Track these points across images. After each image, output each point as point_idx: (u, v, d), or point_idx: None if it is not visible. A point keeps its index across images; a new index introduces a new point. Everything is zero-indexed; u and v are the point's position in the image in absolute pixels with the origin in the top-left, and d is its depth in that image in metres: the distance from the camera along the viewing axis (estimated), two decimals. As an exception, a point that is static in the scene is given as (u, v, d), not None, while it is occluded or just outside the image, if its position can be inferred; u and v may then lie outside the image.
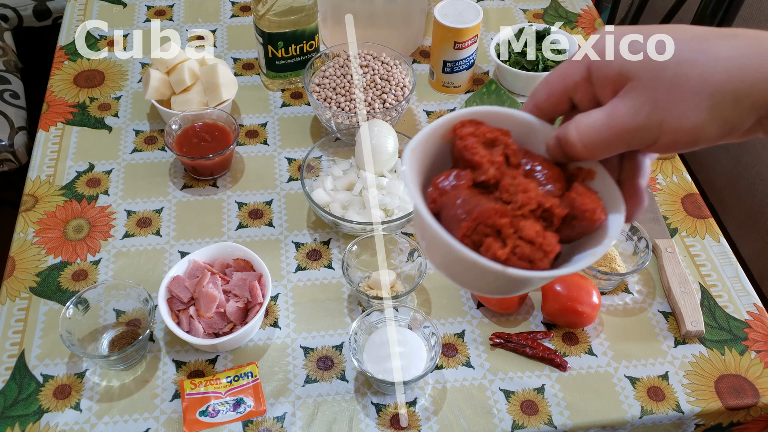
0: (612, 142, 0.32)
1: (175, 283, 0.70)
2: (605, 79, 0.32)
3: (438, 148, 0.38)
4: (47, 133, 0.92)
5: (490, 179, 0.35)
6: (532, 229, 0.33)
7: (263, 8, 0.88)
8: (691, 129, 0.30)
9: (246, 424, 0.66)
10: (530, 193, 0.34)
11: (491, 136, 0.37)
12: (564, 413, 0.67)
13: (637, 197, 0.36)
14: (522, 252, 0.33)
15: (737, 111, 0.29)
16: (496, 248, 0.33)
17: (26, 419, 0.66)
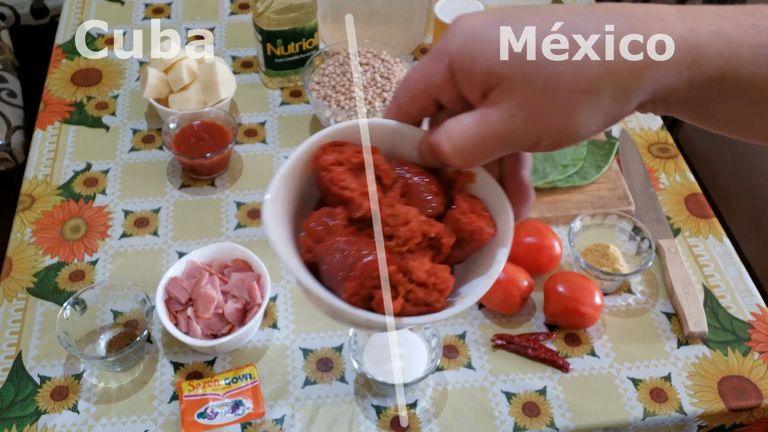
0: (487, 151, 0.30)
1: (173, 283, 0.70)
2: (471, 81, 0.29)
3: (303, 180, 0.34)
4: (44, 132, 0.91)
5: (366, 214, 0.32)
6: (422, 270, 0.31)
7: (262, 6, 0.88)
8: (572, 128, 0.28)
9: (245, 426, 0.65)
10: (412, 224, 0.31)
11: (357, 160, 0.33)
12: (566, 415, 0.66)
13: (523, 192, 0.34)
14: (416, 297, 0.31)
15: (617, 102, 0.28)
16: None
17: (23, 421, 0.65)
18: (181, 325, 0.68)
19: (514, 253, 0.75)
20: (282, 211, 0.33)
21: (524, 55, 0.27)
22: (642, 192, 0.86)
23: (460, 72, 0.29)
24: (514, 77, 0.28)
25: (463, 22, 0.29)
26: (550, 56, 0.27)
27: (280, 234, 0.32)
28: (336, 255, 0.31)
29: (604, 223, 0.78)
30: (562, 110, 0.28)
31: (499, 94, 0.28)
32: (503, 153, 0.30)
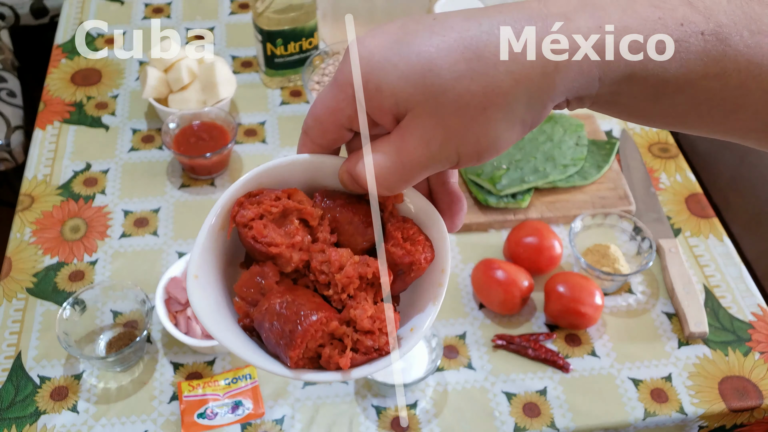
0: (410, 177, 0.29)
1: (172, 284, 0.69)
2: (380, 109, 0.28)
3: (226, 241, 0.32)
4: (44, 132, 0.91)
5: (298, 267, 0.31)
6: (365, 317, 0.30)
7: (262, 5, 0.88)
8: (490, 143, 0.28)
9: (244, 426, 0.65)
10: (347, 269, 0.30)
11: (278, 209, 0.31)
12: (567, 415, 0.66)
13: (455, 201, 0.33)
14: (364, 346, 0.30)
15: (532, 110, 0.27)
16: (336, 359, 0.29)
17: (23, 421, 0.65)
18: (181, 326, 0.68)
19: (515, 252, 0.75)
20: (208, 282, 0.31)
21: (431, 79, 0.26)
22: (642, 192, 0.86)
23: (367, 102, 0.28)
24: (423, 102, 0.27)
25: (361, 48, 0.28)
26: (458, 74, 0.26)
27: (211, 311, 0.31)
28: (273, 321, 0.29)
29: (604, 223, 0.78)
30: (477, 127, 0.27)
31: (412, 120, 0.28)
32: (426, 175, 0.30)
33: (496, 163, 0.83)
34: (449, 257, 0.33)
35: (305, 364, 0.30)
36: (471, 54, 0.26)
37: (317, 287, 0.31)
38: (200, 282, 0.31)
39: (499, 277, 0.71)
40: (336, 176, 0.32)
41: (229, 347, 0.30)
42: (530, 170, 0.82)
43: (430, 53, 0.27)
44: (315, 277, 0.31)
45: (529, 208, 0.82)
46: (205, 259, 0.31)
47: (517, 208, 0.82)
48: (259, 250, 0.31)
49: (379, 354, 0.30)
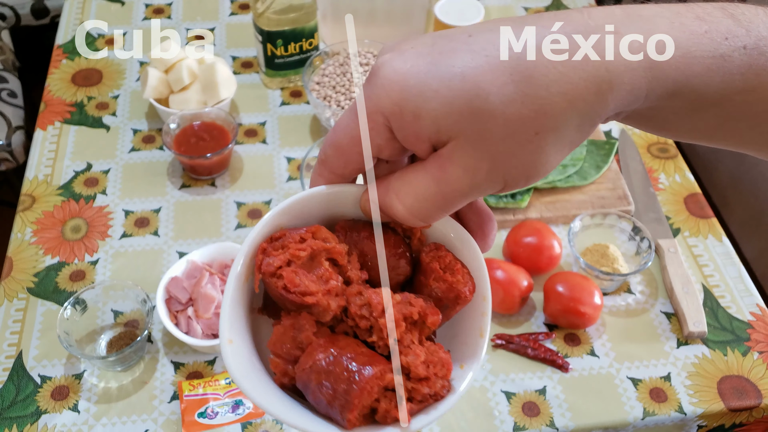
0: (449, 207, 0.27)
1: (173, 283, 0.70)
2: (417, 138, 0.26)
3: (250, 291, 0.30)
4: (45, 132, 0.91)
5: (335, 314, 0.28)
6: (419, 364, 0.28)
7: (262, 6, 0.88)
8: (538, 167, 0.26)
9: (245, 425, 0.65)
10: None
11: (305, 252, 0.28)
12: (566, 415, 0.67)
13: (485, 221, 0.31)
14: (421, 394, 0.28)
15: (582, 131, 0.26)
16: (394, 413, 0.27)
17: (24, 420, 0.65)
18: (182, 325, 0.68)
19: (514, 252, 0.75)
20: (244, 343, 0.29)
21: (478, 104, 0.24)
22: (641, 192, 0.86)
23: (401, 130, 0.26)
24: (469, 129, 0.25)
25: (391, 71, 0.25)
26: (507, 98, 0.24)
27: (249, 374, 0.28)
28: (322, 381, 0.27)
29: (603, 223, 0.79)
30: (527, 153, 0.25)
31: (455, 148, 0.25)
32: (466, 203, 0.27)
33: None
34: (488, 281, 0.30)
35: (360, 422, 0.28)
36: (519, 75, 0.24)
37: (358, 333, 0.29)
38: (235, 346, 0.28)
39: (498, 276, 0.71)
40: (356, 205, 0.30)
41: (274, 414, 0.27)
42: None
43: (474, 76, 0.24)
44: (355, 323, 0.29)
45: (528, 208, 0.82)
46: (236, 318, 0.29)
47: (517, 208, 0.82)
48: (293, 300, 0.28)
49: (435, 399, 0.28)
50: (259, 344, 0.30)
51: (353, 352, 0.27)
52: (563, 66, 0.24)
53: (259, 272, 0.28)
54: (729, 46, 0.25)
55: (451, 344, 0.31)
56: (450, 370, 0.29)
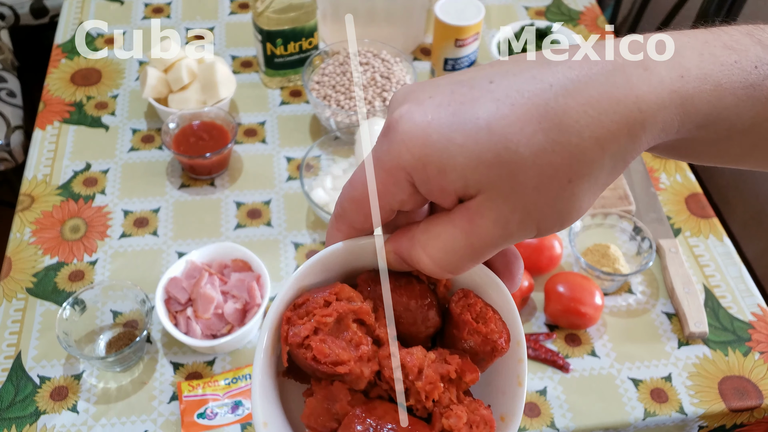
0: (479, 259, 0.26)
1: (172, 284, 0.69)
2: (442, 192, 0.25)
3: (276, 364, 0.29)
4: (44, 132, 0.91)
5: (370, 379, 0.27)
6: (461, 426, 0.26)
7: (262, 5, 0.88)
8: (575, 213, 0.25)
9: (244, 426, 0.65)
10: (427, 372, 0.27)
11: (332, 317, 0.27)
12: (566, 415, 0.66)
13: (512, 260, 0.30)
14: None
15: (615, 173, 0.25)
16: None
17: (23, 421, 0.65)
18: (181, 326, 0.68)
19: (515, 253, 0.75)
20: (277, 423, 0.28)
21: (508, 157, 0.23)
22: (642, 192, 0.86)
23: (425, 185, 0.25)
24: (498, 183, 0.24)
25: (411, 125, 0.24)
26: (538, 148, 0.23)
27: None
28: None
29: (604, 223, 0.78)
30: (561, 202, 0.24)
31: (485, 202, 0.24)
32: (496, 252, 0.27)
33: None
34: (521, 325, 0.29)
35: None
36: (549, 123, 0.23)
37: (393, 396, 0.28)
38: (270, 429, 0.27)
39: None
40: (371, 256, 0.29)
41: None
42: None
43: (502, 127, 0.23)
44: (389, 386, 0.27)
45: (529, 208, 0.82)
46: (268, 396, 0.28)
47: (517, 208, 0.81)
48: (324, 371, 0.27)
49: None
50: (289, 411, 0.29)
51: (393, 422, 0.26)
52: (594, 110, 0.23)
53: (285, 344, 0.27)
54: (759, 74, 0.25)
55: (488, 395, 0.30)
56: (494, 428, 0.27)
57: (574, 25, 1.09)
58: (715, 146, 0.27)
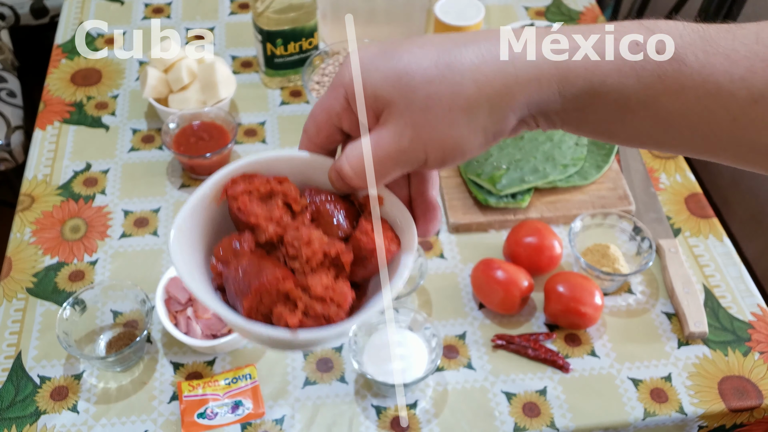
0: (383, 170, 0.32)
1: (172, 284, 0.69)
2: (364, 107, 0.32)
3: (215, 212, 0.36)
4: (44, 132, 0.91)
5: (272, 238, 0.34)
6: (319, 285, 0.32)
7: (262, 5, 0.88)
8: (455, 145, 0.31)
9: (244, 426, 0.65)
10: (314, 245, 0.33)
11: (265, 189, 0.34)
12: (566, 415, 0.66)
13: (430, 210, 0.36)
14: (314, 312, 0.32)
15: (494, 118, 0.30)
16: (286, 316, 0.31)
17: (23, 421, 0.65)
18: (181, 326, 0.68)
19: (515, 252, 0.75)
20: (190, 239, 0.34)
21: (406, 80, 0.30)
22: (642, 192, 0.86)
23: (352, 99, 0.32)
24: (398, 100, 0.30)
25: (354, 57, 0.32)
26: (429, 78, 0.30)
27: (187, 261, 0.33)
28: (238, 276, 0.32)
29: (604, 223, 0.78)
30: (443, 127, 0.30)
31: (388, 116, 0.31)
32: (399, 172, 0.32)
33: (496, 164, 0.83)
34: (413, 258, 0.35)
35: (259, 317, 0.32)
36: (443, 64, 0.30)
37: (287, 261, 0.34)
38: (181, 234, 0.34)
39: (499, 276, 0.71)
40: (325, 175, 0.35)
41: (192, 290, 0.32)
42: (530, 170, 0.82)
43: (408, 60, 0.31)
44: (286, 251, 0.33)
45: (528, 208, 0.82)
46: (191, 219, 0.34)
47: (517, 208, 0.82)
48: (241, 219, 0.34)
49: (328, 321, 0.32)
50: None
51: (271, 265, 0.33)
52: (479, 60, 0.30)
53: (224, 194, 0.35)
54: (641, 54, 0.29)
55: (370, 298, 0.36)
56: (347, 302, 0.32)
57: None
58: (620, 122, 0.30)
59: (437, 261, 0.79)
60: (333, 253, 0.33)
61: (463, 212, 0.81)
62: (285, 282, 0.32)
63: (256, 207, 0.34)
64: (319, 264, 0.33)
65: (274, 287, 0.32)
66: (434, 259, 0.79)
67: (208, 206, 0.35)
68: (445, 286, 0.76)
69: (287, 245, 0.33)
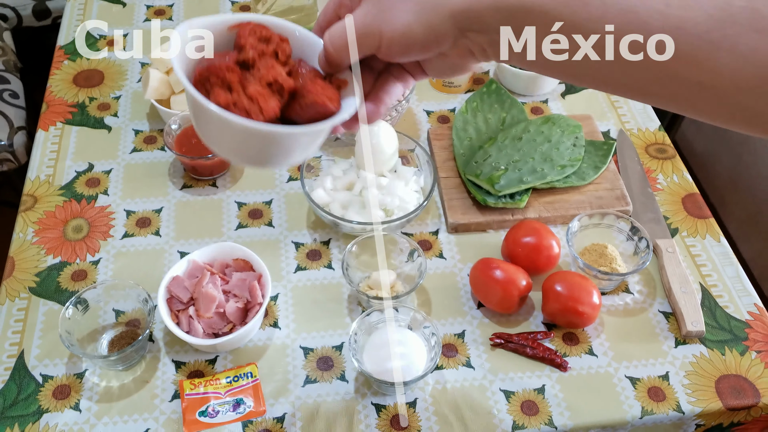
0: (351, 43, 0.39)
1: (174, 283, 0.70)
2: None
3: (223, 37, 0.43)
4: (47, 132, 0.92)
5: (248, 59, 0.41)
6: (255, 88, 0.39)
7: (263, 8, 0.88)
8: (402, 32, 0.37)
9: (246, 424, 0.66)
10: (273, 70, 0.40)
11: (267, 34, 0.42)
12: (564, 414, 0.67)
13: (377, 105, 0.43)
14: (241, 104, 0.39)
15: (438, 17, 0.35)
16: (219, 95, 0.39)
17: (25, 419, 0.65)
18: (183, 324, 0.68)
19: (513, 252, 0.76)
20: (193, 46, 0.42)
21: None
22: (640, 192, 0.86)
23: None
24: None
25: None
26: None
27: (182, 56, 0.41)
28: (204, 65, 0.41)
29: (602, 223, 0.79)
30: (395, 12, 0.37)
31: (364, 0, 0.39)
32: (361, 51, 0.39)
33: (494, 164, 0.83)
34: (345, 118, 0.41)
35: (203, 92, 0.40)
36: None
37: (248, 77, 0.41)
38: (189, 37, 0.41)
39: (497, 276, 0.71)
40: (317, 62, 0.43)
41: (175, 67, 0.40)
42: (528, 171, 0.83)
43: None
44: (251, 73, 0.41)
45: (527, 208, 0.83)
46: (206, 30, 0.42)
47: (515, 208, 0.82)
48: (238, 42, 0.42)
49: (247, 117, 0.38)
50: None
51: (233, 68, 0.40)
52: None
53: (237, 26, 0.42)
54: None
55: None
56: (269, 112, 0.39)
57: (573, 27, 1.09)
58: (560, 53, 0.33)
59: (436, 261, 0.79)
60: (280, 80, 0.40)
61: (461, 212, 0.82)
62: (231, 73, 0.40)
63: (252, 39, 0.41)
64: (266, 84, 0.40)
65: (222, 71, 0.40)
66: (433, 258, 0.79)
67: (221, 31, 0.43)
68: (444, 285, 0.77)
69: (255, 68, 0.41)
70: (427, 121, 0.96)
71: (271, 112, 0.39)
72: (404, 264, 0.76)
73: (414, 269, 0.75)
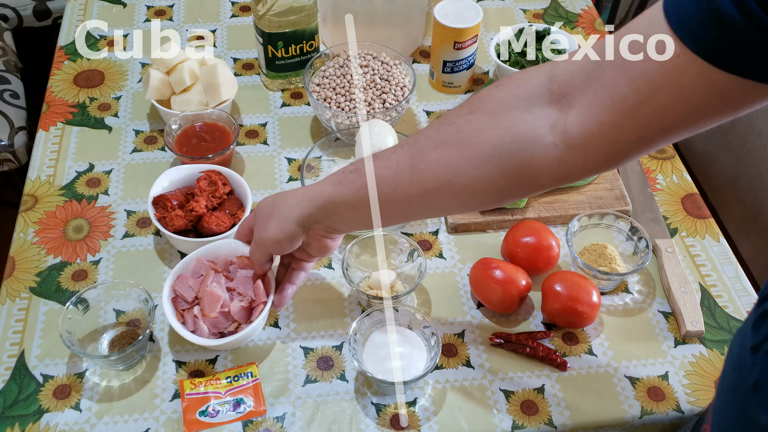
0: (252, 252, 0.66)
1: (179, 282, 0.70)
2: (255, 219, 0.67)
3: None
4: (47, 133, 0.92)
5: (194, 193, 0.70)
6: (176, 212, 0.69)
7: (263, 8, 0.89)
8: (273, 238, 0.62)
9: (246, 424, 0.66)
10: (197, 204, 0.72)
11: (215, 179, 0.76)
12: (564, 413, 0.67)
13: (281, 294, 0.68)
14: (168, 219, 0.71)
15: (288, 224, 0.61)
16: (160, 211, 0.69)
17: (26, 419, 0.66)
18: (188, 324, 0.68)
19: (513, 252, 0.76)
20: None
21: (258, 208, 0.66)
22: (639, 192, 0.87)
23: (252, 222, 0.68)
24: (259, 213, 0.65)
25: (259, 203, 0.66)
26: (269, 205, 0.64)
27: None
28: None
29: (601, 223, 0.79)
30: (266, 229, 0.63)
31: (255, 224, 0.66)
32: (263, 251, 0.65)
33: (494, 164, 0.83)
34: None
35: None
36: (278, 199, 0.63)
37: None
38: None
39: (497, 276, 0.72)
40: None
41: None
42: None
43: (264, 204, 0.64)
44: None
45: (526, 208, 0.83)
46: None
47: (515, 208, 0.82)
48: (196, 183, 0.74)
49: None
50: None
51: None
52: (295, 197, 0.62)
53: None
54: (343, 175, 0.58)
55: None
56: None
57: (572, 28, 1.10)
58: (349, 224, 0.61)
59: (436, 260, 0.79)
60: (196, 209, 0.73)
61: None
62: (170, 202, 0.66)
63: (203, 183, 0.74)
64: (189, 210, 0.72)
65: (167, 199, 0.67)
66: (433, 258, 0.80)
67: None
68: (444, 285, 0.77)
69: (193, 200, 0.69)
70: (426, 121, 0.96)
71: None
72: (404, 264, 0.76)
73: (414, 269, 0.75)
